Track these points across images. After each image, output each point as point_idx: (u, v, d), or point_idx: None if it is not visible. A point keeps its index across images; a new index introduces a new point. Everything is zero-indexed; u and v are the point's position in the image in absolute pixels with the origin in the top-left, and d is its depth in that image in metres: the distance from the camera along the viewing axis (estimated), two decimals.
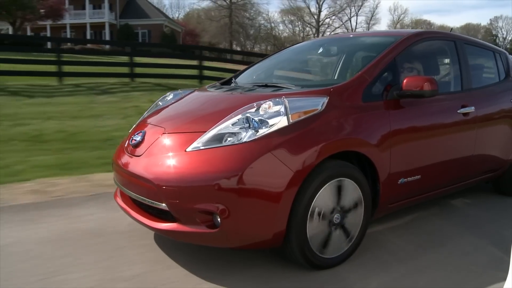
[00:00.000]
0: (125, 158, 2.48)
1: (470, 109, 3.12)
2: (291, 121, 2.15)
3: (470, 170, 3.31)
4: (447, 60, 3.36)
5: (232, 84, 3.18)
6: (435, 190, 3.04)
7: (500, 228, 2.99)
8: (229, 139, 2.13)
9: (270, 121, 2.15)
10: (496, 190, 3.88)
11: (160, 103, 3.07)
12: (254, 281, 2.18)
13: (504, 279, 2.11)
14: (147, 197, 2.24)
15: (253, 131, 2.12)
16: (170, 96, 3.14)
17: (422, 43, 3.06)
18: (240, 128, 2.16)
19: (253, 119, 2.17)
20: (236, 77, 3.40)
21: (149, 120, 2.68)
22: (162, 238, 2.66)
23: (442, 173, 3.03)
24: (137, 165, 2.32)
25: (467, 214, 3.32)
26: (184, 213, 2.10)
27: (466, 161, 3.19)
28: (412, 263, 2.42)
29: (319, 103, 2.30)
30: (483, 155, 3.35)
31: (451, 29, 6.47)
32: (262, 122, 2.15)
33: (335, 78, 3.26)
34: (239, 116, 2.21)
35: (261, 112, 2.20)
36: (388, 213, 2.84)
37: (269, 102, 2.22)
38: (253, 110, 2.22)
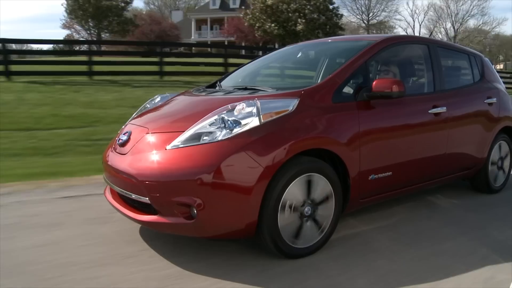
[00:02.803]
0: (113, 156, 2.68)
1: (442, 109, 3.29)
2: (262, 121, 2.34)
3: (443, 168, 3.47)
4: (420, 63, 3.52)
5: (216, 87, 3.37)
6: (407, 186, 3.21)
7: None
8: (205, 137, 2.32)
9: (243, 121, 2.34)
10: (473, 187, 4.04)
11: (148, 106, 3.27)
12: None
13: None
14: (131, 191, 2.43)
15: (228, 130, 2.31)
16: (157, 98, 3.34)
17: (394, 47, 3.25)
18: (216, 128, 2.35)
19: (228, 119, 2.36)
20: (221, 80, 3.59)
21: (135, 121, 2.87)
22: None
23: (414, 170, 3.20)
24: (123, 162, 2.51)
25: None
26: (164, 206, 2.29)
27: (439, 159, 3.36)
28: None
29: (290, 104, 2.48)
30: (456, 154, 3.52)
31: (431, 33, 6.64)
32: (236, 122, 2.34)
33: (312, 80, 3.44)
34: (215, 117, 2.40)
35: (235, 113, 2.38)
36: (360, 208, 3.00)
37: (243, 103, 2.41)
38: (228, 111, 2.41)
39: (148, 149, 2.44)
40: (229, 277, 2.27)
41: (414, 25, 54.51)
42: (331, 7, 29.38)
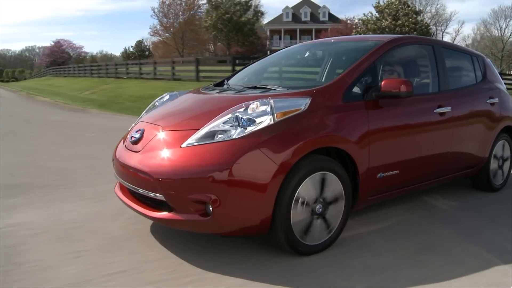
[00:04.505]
0: (126, 154, 2.70)
1: (446, 109, 3.35)
2: (276, 119, 2.38)
3: (447, 167, 3.53)
4: (425, 63, 3.58)
5: (225, 86, 3.40)
6: (413, 185, 3.27)
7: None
8: (220, 136, 2.35)
9: (257, 120, 2.37)
10: (474, 186, 4.11)
11: (157, 104, 3.29)
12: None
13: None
14: (145, 188, 2.45)
15: (242, 128, 2.35)
16: (166, 97, 3.36)
17: (401, 48, 3.30)
18: (230, 126, 2.38)
19: (242, 118, 2.39)
20: (228, 79, 3.63)
21: (147, 119, 2.89)
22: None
23: (420, 168, 3.25)
24: (137, 160, 2.54)
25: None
26: (179, 203, 2.32)
27: (443, 158, 3.42)
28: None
29: (303, 103, 2.52)
30: (460, 153, 3.58)
31: (432, 34, 6.72)
32: (250, 121, 2.37)
33: (319, 80, 3.49)
34: (229, 115, 2.43)
35: (249, 112, 2.42)
36: (368, 205, 3.05)
37: (257, 102, 2.45)
38: (242, 109, 2.44)
39: (163, 146, 2.47)
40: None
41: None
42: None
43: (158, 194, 2.37)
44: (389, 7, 34.53)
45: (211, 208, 2.25)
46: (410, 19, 33.62)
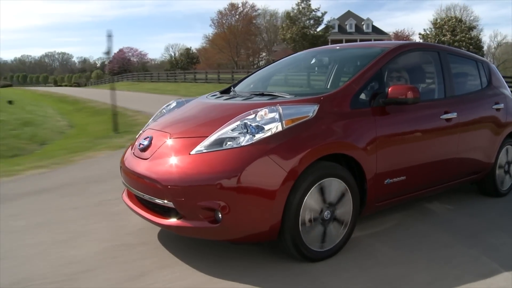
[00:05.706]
0: (134, 161, 2.71)
1: (453, 115, 3.35)
2: (285, 126, 2.39)
3: (453, 172, 3.53)
4: (431, 69, 3.59)
5: (231, 93, 3.42)
6: (420, 190, 3.27)
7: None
8: (229, 143, 2.37)
9: (266, 127, 2.39)
10: (480, 191, 4.10)
11: (164, 111, 3.31)
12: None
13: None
14: (154, 195, 2.46)
15: (251, 136, 2.36)
16: (173, 104, 3.38)
17: (407, 54, 3.31)
18: (239, 133, 2.40)
19: (250, 125, 2.41)
20: (234, 86, 3.64)
21: (155, 127, 2.91)
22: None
23: (426, 174, 3.25)
24: (146, 167, 2.55)
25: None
26: (189, 210, 2.33)
27: (449, 164, 3.42)
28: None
29: (310, 110, 2.54)
30: (466, 158, 3.58)
31: (437, 39, 6.73)
32: (259, 128, 2.39)
33: (326, 87, 3.50)
34: (238, 122, 2.44)
35: (257, 119, 2.43)
36: (376, 212, 3.05)
37: (265, 109, 2.46)
38: (251, 116, 2.46)
39: (171, 154, 2.48)
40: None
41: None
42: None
43: (166, 201, 2.38)
44: (447, 24, 39.79)
45: (220, 215, 2.26)
46: (466, 35, 38.35)
